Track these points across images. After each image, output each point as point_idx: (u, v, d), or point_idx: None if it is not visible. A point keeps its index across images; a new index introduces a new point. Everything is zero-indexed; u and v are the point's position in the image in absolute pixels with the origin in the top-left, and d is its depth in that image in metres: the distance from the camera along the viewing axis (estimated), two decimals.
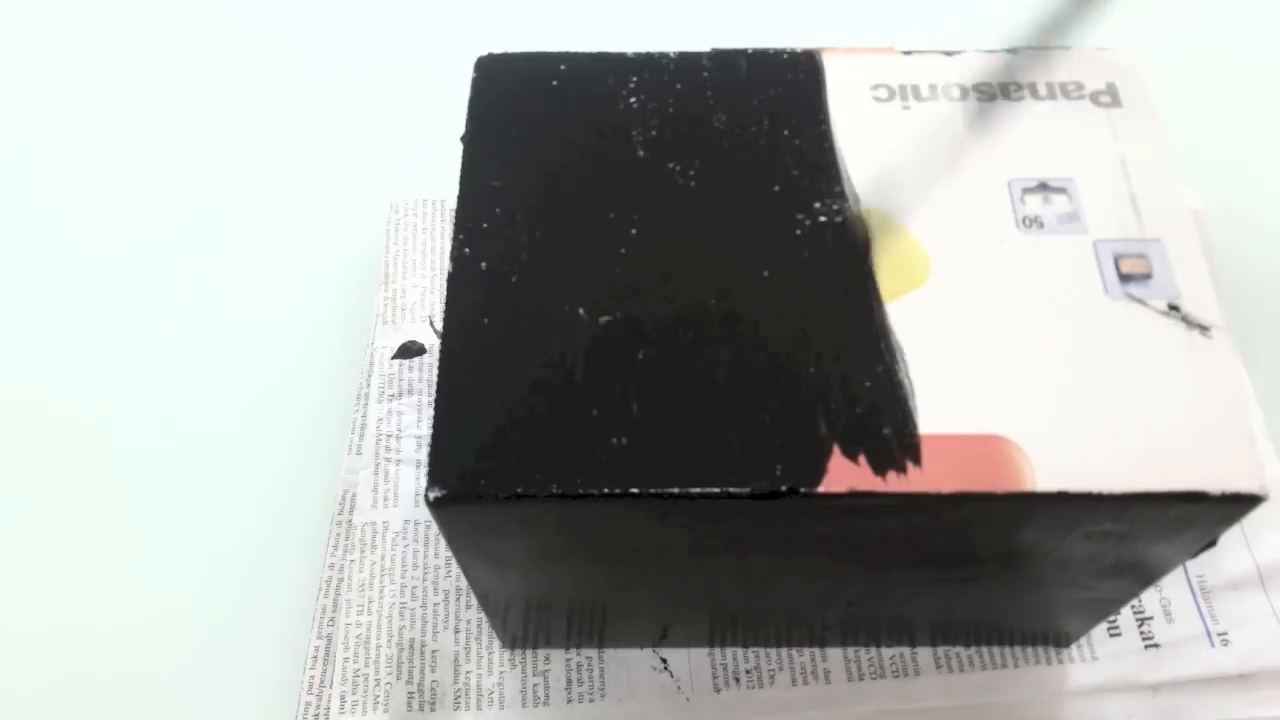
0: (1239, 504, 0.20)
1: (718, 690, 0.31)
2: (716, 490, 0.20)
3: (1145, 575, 0.25)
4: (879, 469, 0.20)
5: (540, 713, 0.30)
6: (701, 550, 0.23)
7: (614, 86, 0.25)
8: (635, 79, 0.25)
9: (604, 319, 0.22)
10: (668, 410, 0.21)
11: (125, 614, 0.33)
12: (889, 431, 0.21)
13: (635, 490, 0.20)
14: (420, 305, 0.37)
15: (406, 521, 0.33)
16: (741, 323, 0.22)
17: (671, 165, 0.24)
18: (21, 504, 0.35)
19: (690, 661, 0.31)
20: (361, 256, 0.39)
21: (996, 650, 0.31)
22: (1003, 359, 0.21)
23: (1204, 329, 0.22)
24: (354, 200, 0.41)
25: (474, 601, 0.32)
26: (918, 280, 0.22)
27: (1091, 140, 0.24)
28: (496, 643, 0.31)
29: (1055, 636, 0.30)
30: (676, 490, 0.20)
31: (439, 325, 0.36)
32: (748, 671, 0.31)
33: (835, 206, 0.23)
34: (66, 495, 0.35)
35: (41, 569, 0.33)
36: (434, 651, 0.31)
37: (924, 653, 0.31)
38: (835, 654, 0.31)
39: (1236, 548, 0.32)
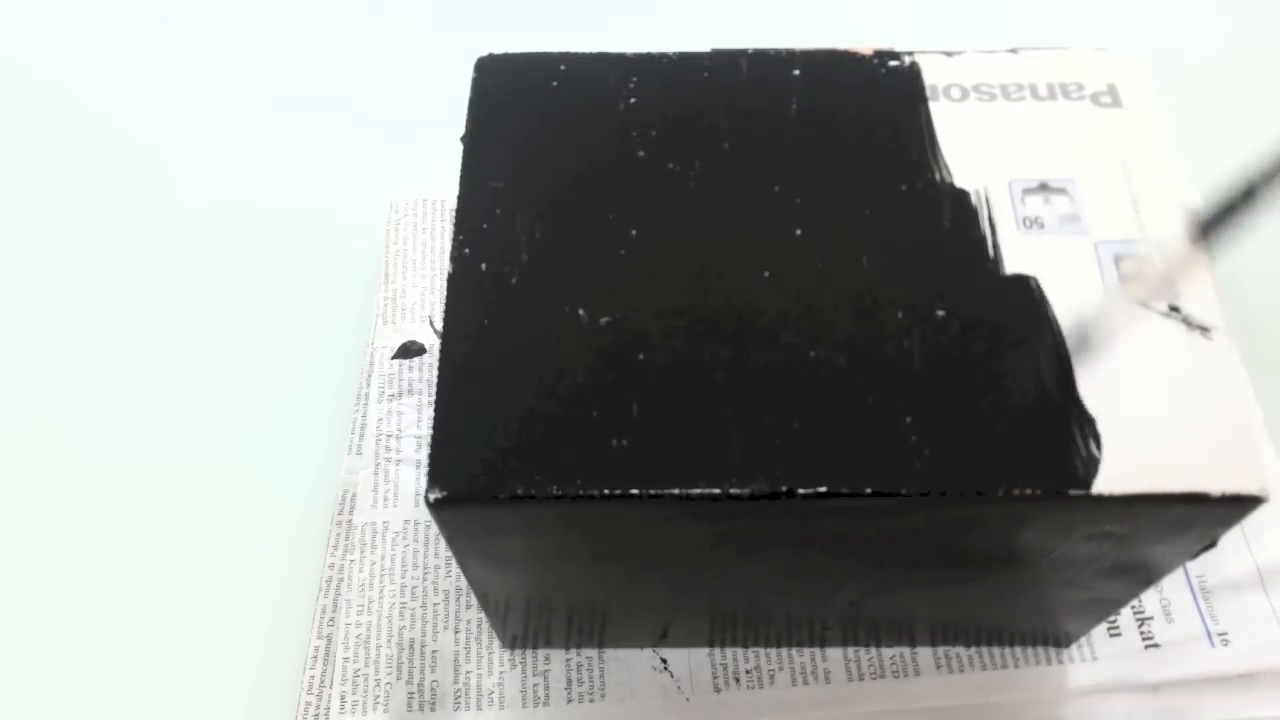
0: (1239, 505, 0.20)
1: (718, 690, 0.31)
2: (717, 491, 0.20)
3: (1145, 576, 0.25)
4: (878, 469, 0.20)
5: (540, 713, 0.30)
6: (702, 551, 0.23)
7: (614, 86, 0.25)
8: (635, 79, 0.25)
9: (604, 320, 0.22)
10: (668, 411, 0.21)
11: (125, 613, 0.33)
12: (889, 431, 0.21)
13: (635, 491, 0.20)
14: (420, 305, 0.37)
15: (406, 521, 0.33)
16: (741, 323, 0.22)
17: (671, 165, 0.24)
18: (20, 498, 0.35)
19: (690, 661, 0.31)
20: (361, 256, 0.39)
21: (996, 650, 0.31)
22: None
23: (1204, 330, 0.22)
24: (354, 200, 0.41)
25: (474, 601, 0.32)
26: None
27: (1092, 140, 0.24)
28: (496, 643, 0.31)
29: (1055, 637, 0.30)
30: (677, 491, 0.20)
31: (439, 325, 0.36)
32: (748, 671, 0.31)
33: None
34: (64, 493, 0.35)
35: (40, 568, 0.33)
36: (434, 651, 0.31)
37: (924, 653, 0.31)
38: (835, 654, 0.31)
39: (1236, 548, 0.32)
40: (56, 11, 0.47)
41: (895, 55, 0.26)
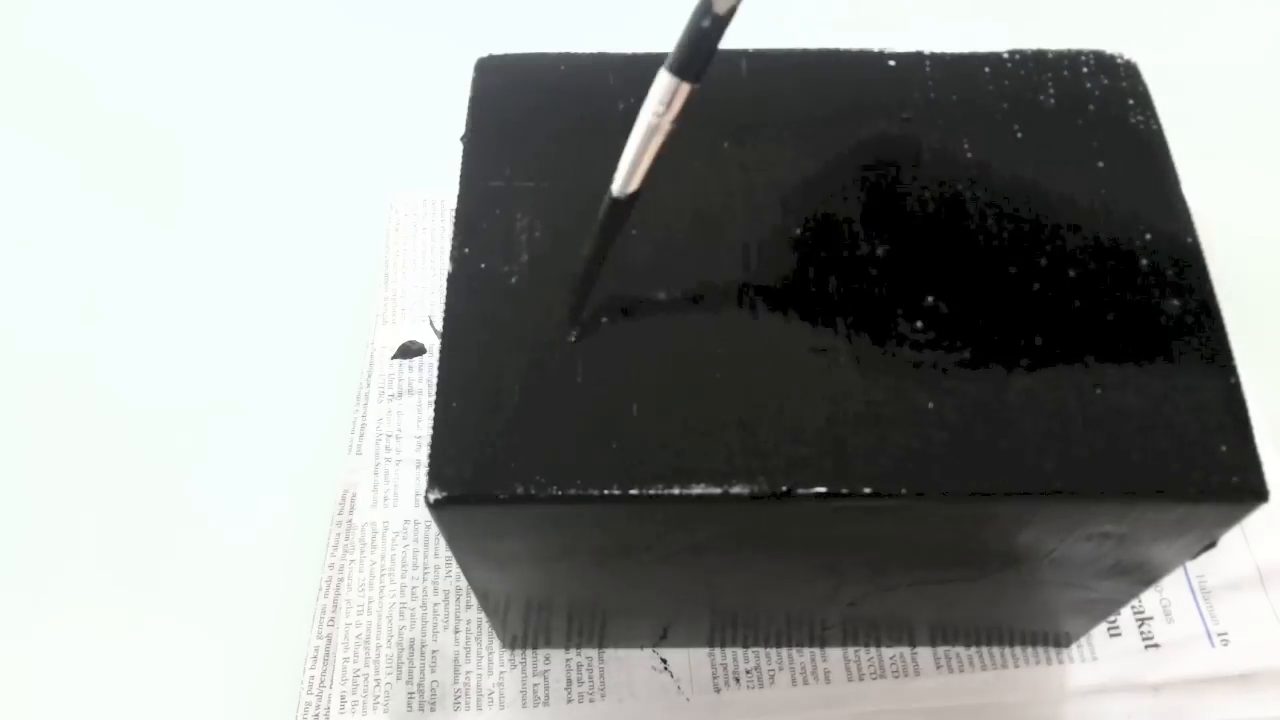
0: (1239, 505, 0.20)
1: (718, 690, 0.31)
2: (717, 491, 0.20)
3: (1145, 576, 0.25)
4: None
5: (540, 713, 0.30)
6: (701, 550, 0.23)
7: (614, 87, 0.25)
8: (635, 79, 0.25)
9: (603, 319, 0.22)
10: (667, 411, 0.21)
11: (125, 613, 0.33)
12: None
13: (635, 491, 0.20)
14: (420, 305, 0.37)
15: (406, 521, 0.33)
16: (740, 322, 0.22)
17: (670, 165, 0.24)
18: (20, 492, 0.35)
19: (690, 661, 0.31)
20: (361, 256, 0.39)
21: (996, 650, 0.31)
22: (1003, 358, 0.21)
23: (1204, 330, 0.22)
24: (354, 200, 0.41)
25: (474, 601, 0.32)
26: None
27: (1093, 141, 0.24)
28: (496, 643, 0.31)
29: (1055, 637, 0.30)
30: (676, 491, 0.20)
31: (439, 325, 0.36)
32: (748, 671, 0.31)
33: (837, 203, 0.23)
34: (64, 492, 0.35)
35: (38, 568, 0.33)
36: (434, 651, 0.31)
37: (924, 653, 0.31)
38: (835, 654, 0.31)
39: (1236, 548, 0.32)
40: (61, 12, 0.47)
41: (894, 55, 0.26)
